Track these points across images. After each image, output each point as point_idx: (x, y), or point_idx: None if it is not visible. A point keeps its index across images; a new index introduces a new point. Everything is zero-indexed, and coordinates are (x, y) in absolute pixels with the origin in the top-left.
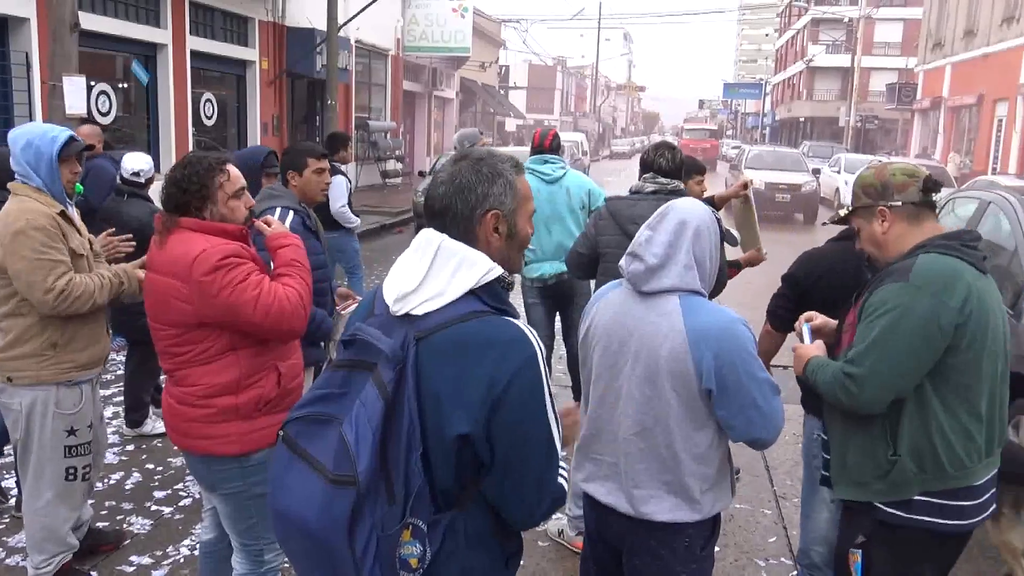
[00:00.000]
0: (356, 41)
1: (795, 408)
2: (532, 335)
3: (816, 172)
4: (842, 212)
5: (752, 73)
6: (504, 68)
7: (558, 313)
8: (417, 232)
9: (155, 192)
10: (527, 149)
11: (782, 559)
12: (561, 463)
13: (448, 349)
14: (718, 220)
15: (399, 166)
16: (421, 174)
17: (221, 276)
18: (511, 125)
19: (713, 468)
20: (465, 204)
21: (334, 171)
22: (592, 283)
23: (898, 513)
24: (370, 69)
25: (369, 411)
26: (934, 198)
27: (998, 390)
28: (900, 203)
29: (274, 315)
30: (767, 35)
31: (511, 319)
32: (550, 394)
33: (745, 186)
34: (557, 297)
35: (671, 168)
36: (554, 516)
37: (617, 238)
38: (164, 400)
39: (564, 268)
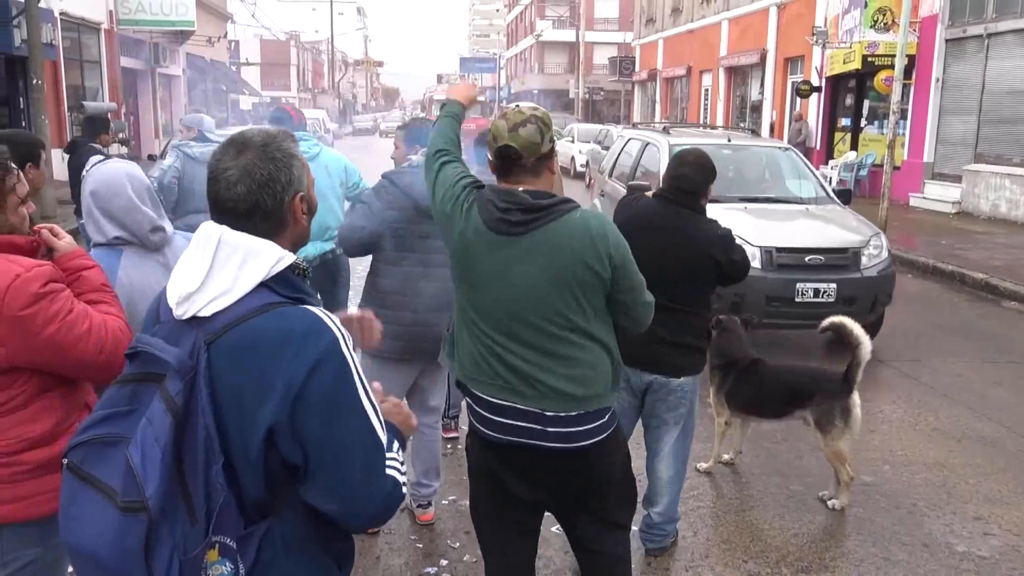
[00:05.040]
0: (61, 13)
1: None
2: (332, 320)
3: None
4: None
5: (486, 47)
6: (234, 43)
7: (320, 293)
8: None
9: None
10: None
11: None
12: (394, 455)
13: (242, 349)
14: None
15: (124, 150)
16: (151, 158)
17: (46, 308)
18: (246, 103)
19: None
20: (273, 198)
21: (92, 152)
22: (349, 260)
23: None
24: (80, 45)
25: (156, 429)
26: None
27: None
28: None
29: (109, 351)
30: (498, 10)
31: (308, 307)
32: (362, 380)
33: None
34: (322, 278)
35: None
36: None
37: (408, 213)
38: None
39: (327, 248)
